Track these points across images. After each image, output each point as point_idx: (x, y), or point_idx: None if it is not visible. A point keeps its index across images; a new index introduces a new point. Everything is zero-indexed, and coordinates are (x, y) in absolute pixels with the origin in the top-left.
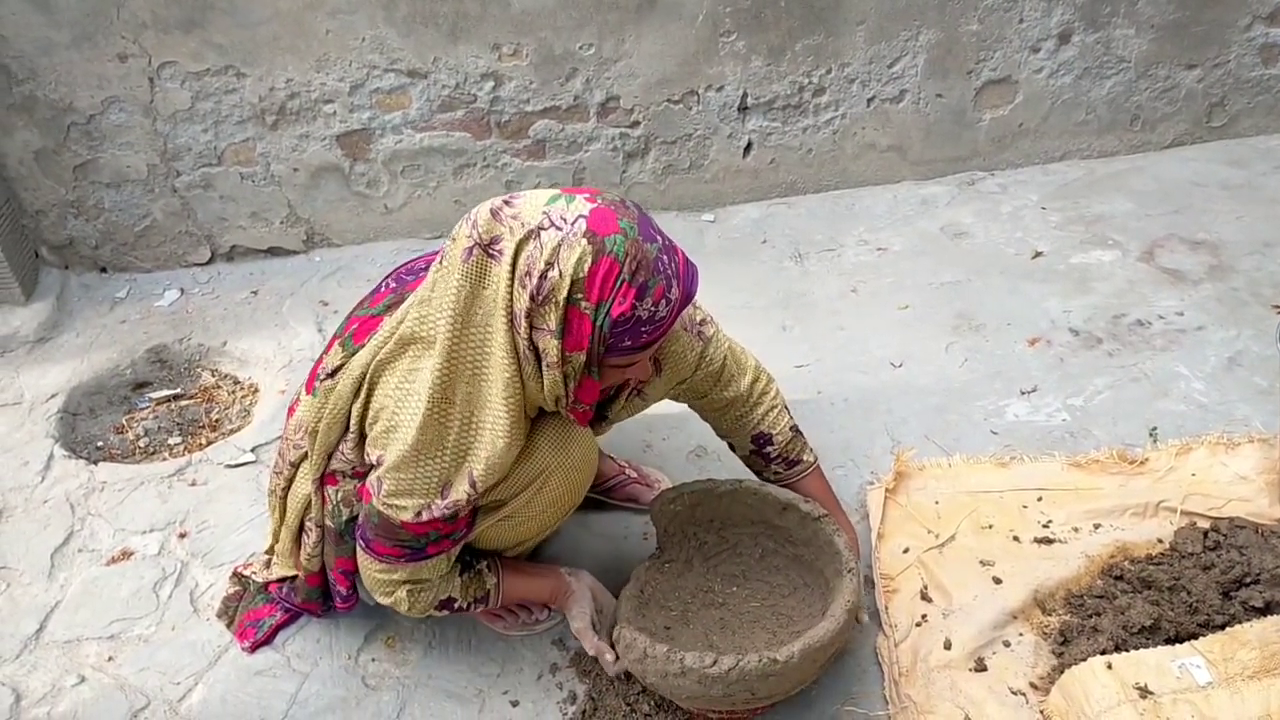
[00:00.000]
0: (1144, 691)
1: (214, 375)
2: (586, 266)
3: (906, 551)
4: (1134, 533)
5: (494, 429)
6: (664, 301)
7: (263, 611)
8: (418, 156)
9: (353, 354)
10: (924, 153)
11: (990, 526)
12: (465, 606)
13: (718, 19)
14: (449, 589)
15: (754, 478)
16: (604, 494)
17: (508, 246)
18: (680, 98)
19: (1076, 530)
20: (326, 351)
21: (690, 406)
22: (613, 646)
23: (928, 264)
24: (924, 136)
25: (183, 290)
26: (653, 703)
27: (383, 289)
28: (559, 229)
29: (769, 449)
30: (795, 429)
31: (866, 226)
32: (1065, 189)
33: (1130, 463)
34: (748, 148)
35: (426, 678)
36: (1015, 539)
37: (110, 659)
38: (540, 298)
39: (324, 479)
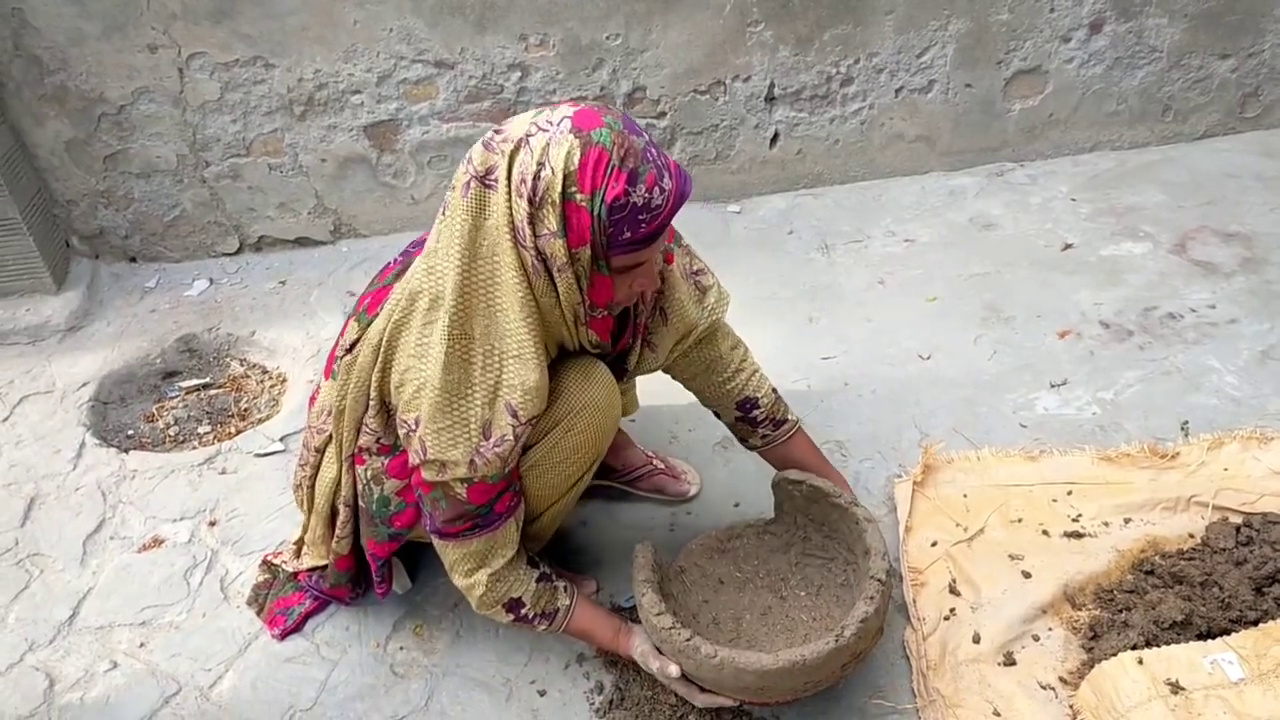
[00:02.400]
0: (1175, 687)
1: (243, 365)
2: (576, 159)
3: (935, 545)
4: (1165, 527)
5: (520, 357)
6: (657, 190)
7: (292, 599)
8: (444, 147)
9: (368, 325)
10: (953, 143)
11: (1019, 520)
12: (530, 616)
13: (745, 9)
14: (522, 587)
15: (860, 504)
16: (630, 484)
17: (501, 167)
18: (707, 88)
19: (1107, 524)
20: (342, 334)
21: (675, 376)
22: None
23: (956, 255)
24: (953, 127)
25: (211, 280)
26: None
27: (391, 263)
28: (545, 131)
29: (755, 412)
30: (775, 391)
31: (894, 218)
32: (1096, 180)
33: (1161, 457)
34: (774, 138)
35: (454, 666)
36: (1045, 533)
37: (142, 645)
38: (537, 200)
39: (353, 458)
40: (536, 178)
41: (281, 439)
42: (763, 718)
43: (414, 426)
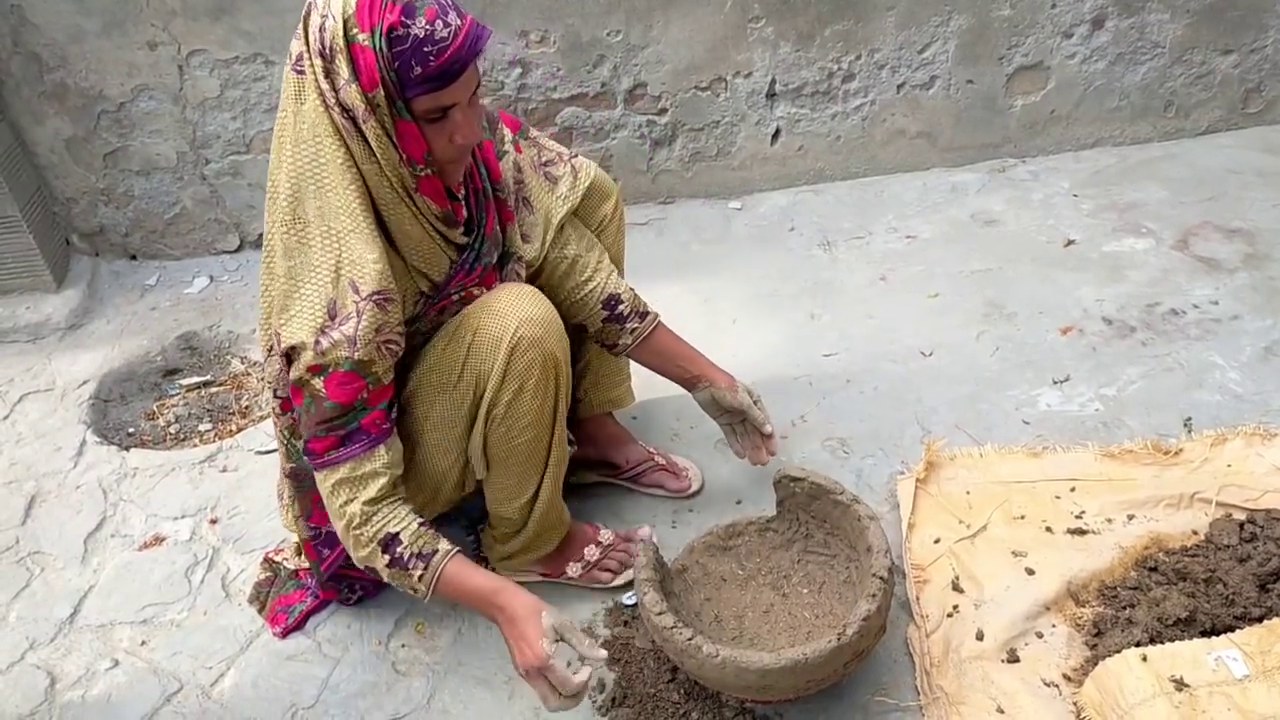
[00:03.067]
0: (1179, 684)
1: (243, 362)
2: (354, 2)
3: (938, 542)
4: (1168, 524)
5: (356, 231)
6: (440, 23)
7: (294, 597)
8: None
9: None
10: (954, 139)
11: (1022, 517)
12: (406, 557)
13: (746, 5)
14: (400, 524)
15: (860, 499)
16: (631, 480)
17: (303, 47)
18: (708, 84)
19: (1110, 521)
20: None
21: (544, 286)
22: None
23: (958, 252)
24: (954, 123)
25: (212, 278)
26: (682, 691)
27: None
28: None
29: (621, 307)
30: (632, 289)
31: (896, 214)
32: (1098, 176)
33: (1164, 453)
34: (776, 135)
35: (456, 664)
36: (1048, 529)
37: (143, 643)
38: (328, 52)
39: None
40: (322, 29)
41: None
42: (765, 716)
43: (275, 338)
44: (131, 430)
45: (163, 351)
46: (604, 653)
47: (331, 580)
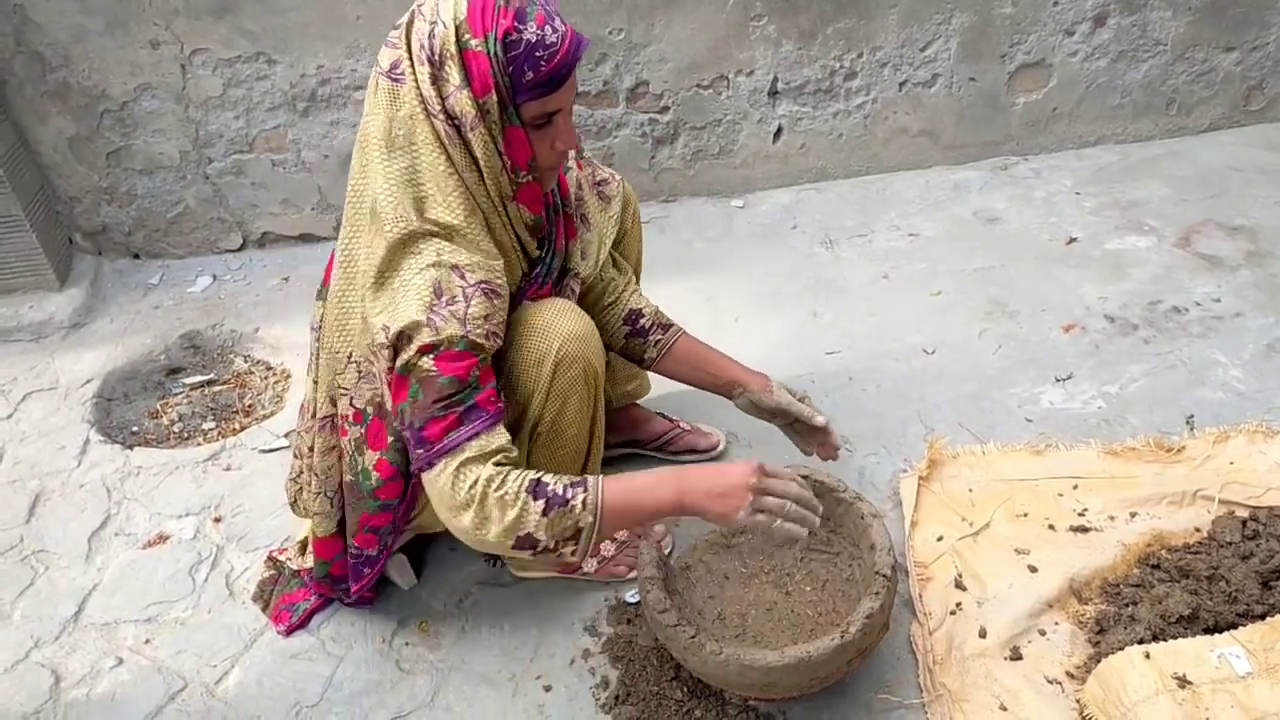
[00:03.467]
0: (1182, 681)
1: (246, 361)
2: (465, 8)
3: (940, 539)
4: (1171, 521)
5: (464, 225)
6: (549, 28)
7: (297, 596)
8: None
9: (328, 292)
10: (956, 137)
11: (1025, 515)
12: (559, 491)
13: (748, 3)
14: (534, 470)
15: (862, 497)
16: (659, 449)
17: (401, 51)
18: (710, 83)
19: (1113, 519)
20: (310, 330)
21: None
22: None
23: (960, 250)
24: (956, 121)
25: (215, 277)
26: (685, 689)
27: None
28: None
29: (642, 321)
30: (656, 306)
31: (898, 212)
32: (1100, 174)
33: (1167, 451)
34: (778, 133)
35: (460, 662)
36: (1050, 527)
37: (147, 641)
38: (437, 58)
39: (338, 431)
40: (431, 36)
41: (286, 435)
42: (769, 714)
43: (379, 329)
44: (135, 429)
45: (166, 350)
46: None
47: (326, 573)
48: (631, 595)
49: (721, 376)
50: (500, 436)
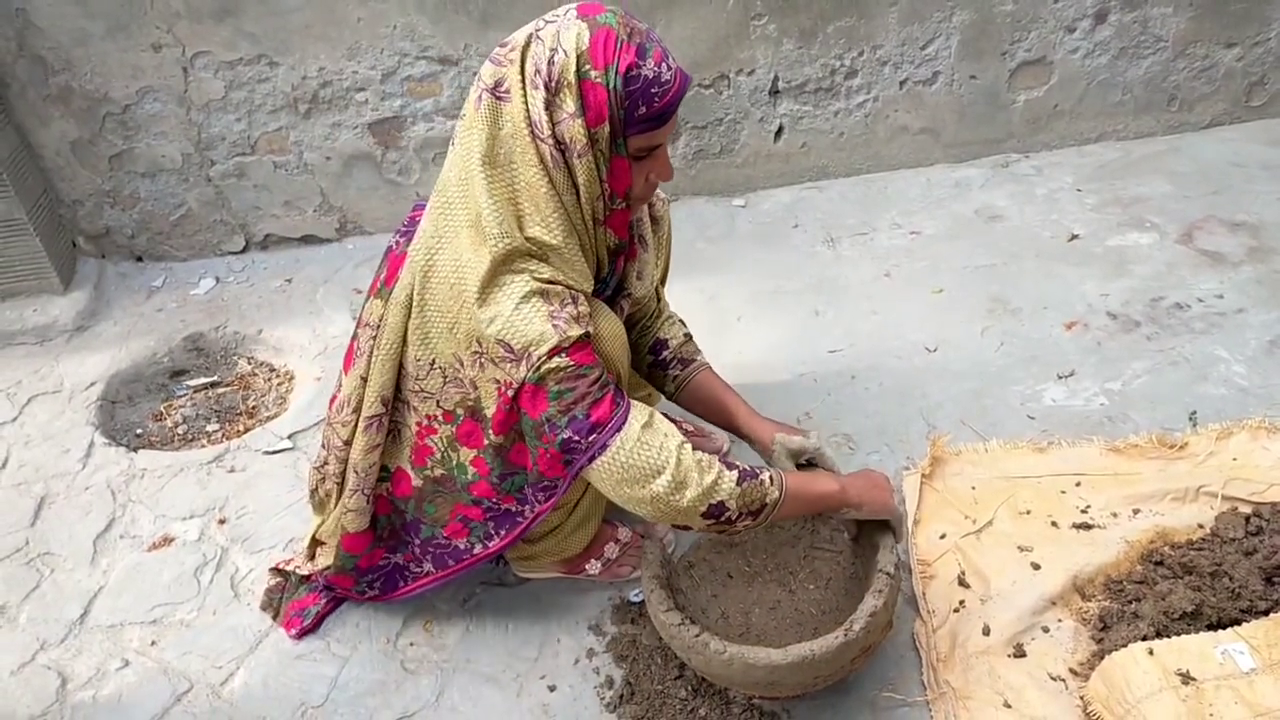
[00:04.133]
0: (1186, 678)
1: (250, 363)
2: (587, 39)
3: (944, 537)
4: (1174, 518)
5: (560, 243)
6: (665, 66)
7: (307, 600)
8: (449, 144)
9: (389, 296)
10: (957, 135)
11: (1028, 512)
12: (751, 470)
13: (749, 2)
14: (721, 485)
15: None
16: None
17: (511, 73)
18: (711, 82)
19: (1116, 515)
20: (359, 324)
21: None
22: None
23: (962, 247)
24: (957, 119)
25: (218, 279)
26: (690, 688)
27: (392, 245)
28: (553, 23)
29: (665, 353)
30: (689, 336)
31: (899, 210)
32: (1101, 171)
33: (1170, 447)
34: (779, 132)
35: (465, 662)
36: (1053, 524)
37: (153, 643)
38: (554, 84)
39: (417, 435)
40: (550, 63)
41: (289, 436)
42: (773, 712)
43: (494, 342)
44: (139, 431)
45: (170, 352)
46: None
47: (352, 567)
48: (635, 594)
49: (730, 424)
50: (655, 411)
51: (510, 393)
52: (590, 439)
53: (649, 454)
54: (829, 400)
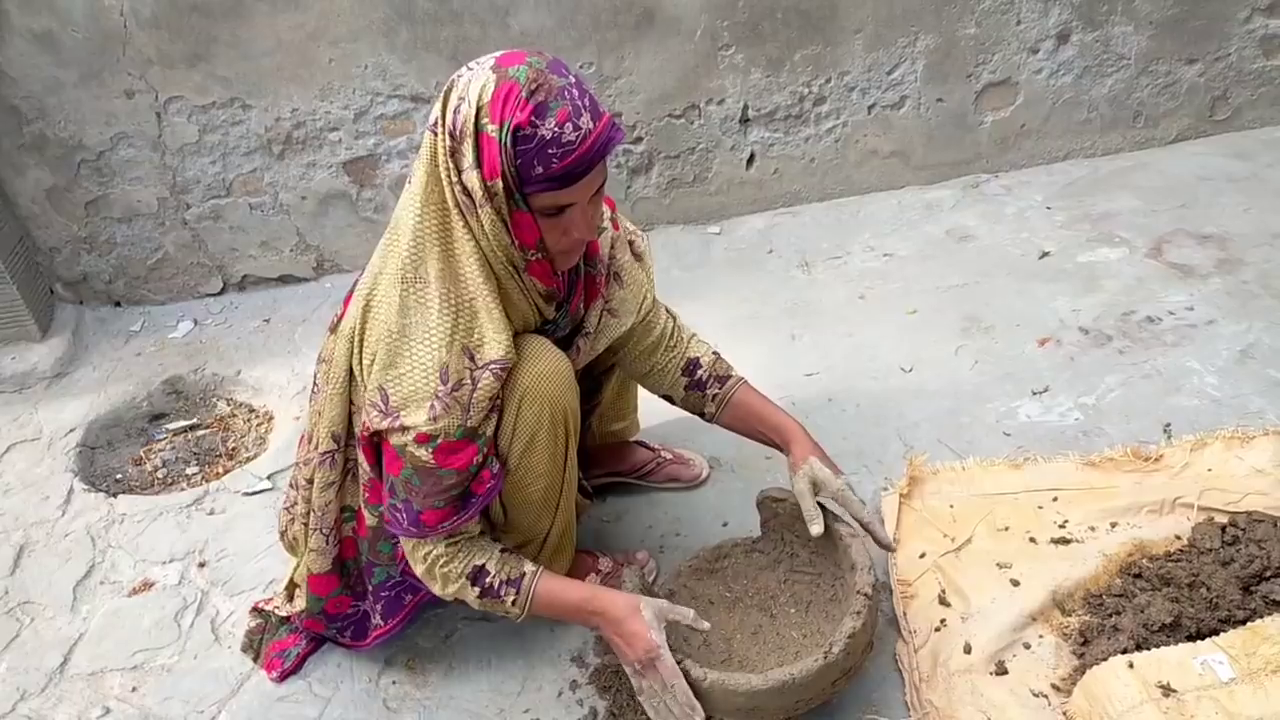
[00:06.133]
0: (1167, 690)
1: (229, 404)
2: (490, 91)
3: (923, 556)
4: (1151, 530)
5: (480, 300)
6: (570, 126)
7: (288, 642)
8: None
9: (339, 328)
10: (927, 157)
11: (1006, 529)
12: (496, 585)
13: (715, 33)
14: (485, 555)
15: (841, 518)
16: (642, 478)
17: (436, 115)
18: (682, 112)
19: (1093, 529)
20: (318, 361)
21: (629, 363)
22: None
23: (934, 268)
24: (926, 141)
25: (196, 321)
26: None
27: (357, 281)
28: (471, 70)
29: (699, 372)
30: (716, 353)
31: (872, 233)
32: (1070, 188)
33: (1145, 460)
34: (751, 159)
35: (448, 698)
36: (1032, 540)
37: (134, 689)
38: (458, 133)
39: (337, 469)
40: (456, 111)
41: (269, 477)
42: None
43: (375, 389)
44: (119, 476)
45: (149, 396)
46: (707, 624)
47: (320, 610)
48: None
49: (778, 442)
50: (474, 523)
51: (368, 434)
52: (407, 528)
53: (417, 554)
54: (807, 423)
